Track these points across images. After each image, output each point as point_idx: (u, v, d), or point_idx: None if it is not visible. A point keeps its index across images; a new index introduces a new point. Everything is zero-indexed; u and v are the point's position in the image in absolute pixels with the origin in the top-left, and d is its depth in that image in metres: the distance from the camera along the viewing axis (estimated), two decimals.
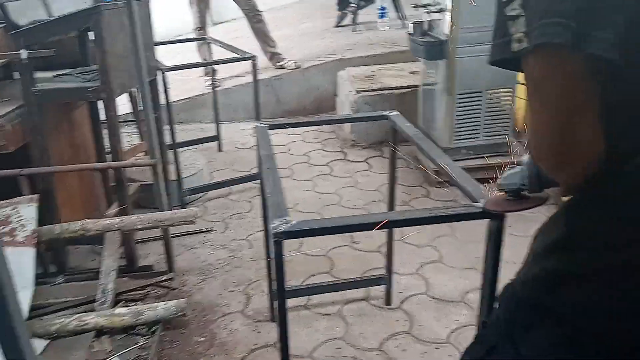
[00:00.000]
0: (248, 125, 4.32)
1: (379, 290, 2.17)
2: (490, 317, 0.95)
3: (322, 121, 2.53)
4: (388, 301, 2.13)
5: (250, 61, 2.96)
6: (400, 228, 2.50)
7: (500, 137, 3.06)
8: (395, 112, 1.87)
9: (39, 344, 1.75)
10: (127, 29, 2.05)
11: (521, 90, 3.18)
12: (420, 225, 1.16)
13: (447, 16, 2.82)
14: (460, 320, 2.03)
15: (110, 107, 2.08)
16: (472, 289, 2.19)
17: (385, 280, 2.11)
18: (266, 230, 1.99)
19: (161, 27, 3.35)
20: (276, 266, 1.15)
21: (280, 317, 1.21)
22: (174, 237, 2.50)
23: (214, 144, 3.78)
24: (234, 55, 3.13)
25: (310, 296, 2.16)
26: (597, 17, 0.61)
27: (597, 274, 0.72)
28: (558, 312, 0.77)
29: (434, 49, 2.91)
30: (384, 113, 1.87)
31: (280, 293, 1.18)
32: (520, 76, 3.10)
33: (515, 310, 0.85)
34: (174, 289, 2.19)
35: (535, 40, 0.63)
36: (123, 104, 2.79)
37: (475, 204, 1.17)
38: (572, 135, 0.65)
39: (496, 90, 2.96)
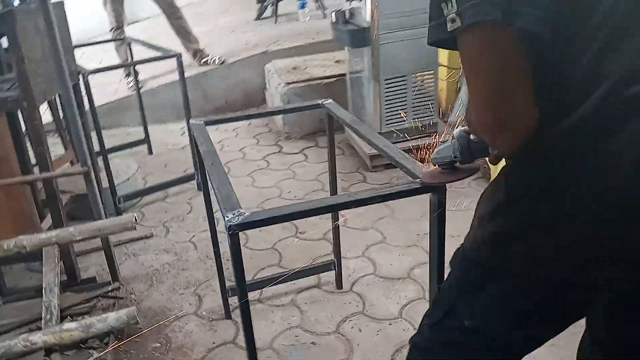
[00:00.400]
0: (178, 126, 4.23)
1: (329, 276, 2.22)
2: (444, 283, 1.01)
3: (258, 114, 2.51)
4: (339, 285, 2.19)
5: (174, 59, 2.90)
6: (343, 214, 2.57)
7: (427, 118, 3.19)
8: (329, 100, 1.91)
9: None
10: (44, 32, 1.95)
11: (443, 72, 3.33)
12: (366, 205, 1.19)
13: (368, 3, 2.89)
14: (409, 295, 2.12)
15: (34, 116, 1.98)
16: (416, 264, 2.29)
17: (334, 265, 2.15)
18: (212, 227, 1.99)
19: (73, 29, 3.21)
20: (234, 259, 1.15)
21: (242, 311, 1.22)
22: (115, 246, 2.42)
23: (144, 147, 3.68)
24: (157, 54, 3.05)
25: (263, 289, 2.17)
26: None
27: (532, 230, 0.79)
28: (504, 269, 0.84)
29: (357, 36, 2.97)
30: (319, 102, 1.90)
31: (240, 286, 1.18)
32: (442, 58, 3.25)
33: (467, 273, 0.92)
34: (121, 298, 2.13)
35: (468, 20, 0.68)
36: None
37: (416, 180, 1.22)
38: (510, 106, 0.71)
39: (420, 74, 3.08)
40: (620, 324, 0.89)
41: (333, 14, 3.15)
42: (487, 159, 1.03)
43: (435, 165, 1.11)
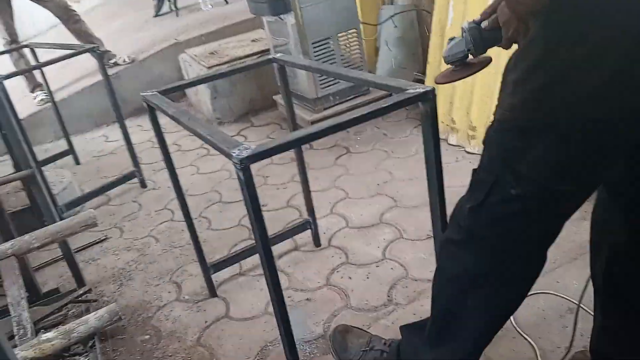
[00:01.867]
0: (97, 133, 4.02)
1: (305, 237, 2.20)
2: (480, 165, 1.03)
3: (217, 75, 2.16)
4: (317, 243, 2.17)
5: (93, 54, 2.71)
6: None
7: None
8: (279, 54, 1.88)
9: None
10: None
11: (365, 30, 3.39)
12: (375, 117, 1.18)
13: None
14: (387, 237, 2.15)
15: None
16: (385, 210, 2.33)
17: (310, 224, 2.14)
18: (183, 206, 1.88)
19: None
20: (249, 194, 1.09)
21: (264, 247, 1.15)
22: None
23: (69, 159, 3.44)
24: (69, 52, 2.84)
25: (242, 263, 2.11)
26: None
27: (575, 71, 0.82)
28: (548, 122, 0.87)
29: (277, 3, 2.95)
30: (270, 56, 1.86)
31: (259, 226, 1.13)
32: (362, 17, 3.29)
33: (507, 141, 0.93)
34: (95, 300, 1.99)
35: None
36: None
37: (407, 91, 1.22)
38: None
39: (343, 34, 3.10)
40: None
41: None
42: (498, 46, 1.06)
43: (448, 64, 1.12)
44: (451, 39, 1.06)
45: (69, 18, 4.06)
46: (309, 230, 2.16)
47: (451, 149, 2.71)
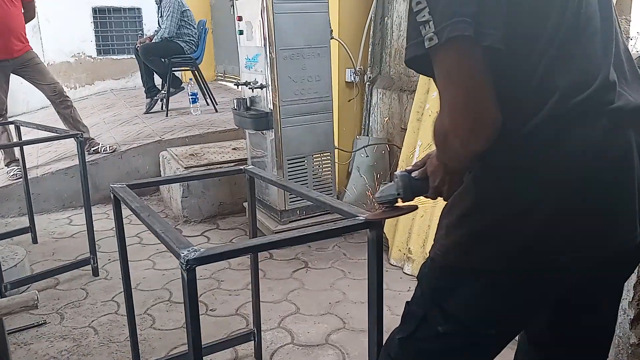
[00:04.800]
0: (62, 215, 4.00)
1: (247, 349, 2.16)
2: (413, 297, 1.08)
3: (178, 178, 2.33)
4: (258, 356, 2.13)
5: (73, 141, 2.82)
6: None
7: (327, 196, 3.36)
8: (250, 165, 1.99)
9: None
10: None
11: (339, 155, 3.59)
12: (312, 241, 1.25)
13: (269, 92, 3.11)
14: None
15: None
16: (332, 330, 2.32)
17: (253, 335, 2.11)
18: (128, 300, 1.87)
19: None
20: (190, 297, 1.13)
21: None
22: None
23: (27, 236, 3.40)
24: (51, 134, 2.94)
25: None
26: (487, 19, 0.82)
27: (502, 226, 0.90)
28: (476, 268, 0.93)
29: (260, 120, 3.15)
30: (240, 167, 1.97)
31: (193, 329, 1.15)
32: (337, 141, 3.50)
33: (438, 279, 0.99)
34: None
35: (446, 35, 0.81)
36: None
37: (357, 218, 1.32)
38: (481, 110, 0.83)
39: (318, 155, 3.29)
40: (565, 322, 1.02)
41: (235, 101, 3.32)
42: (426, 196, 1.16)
43: (379, 205, 1.21)
44: (384, 183, 1.16)
45: (60, 102, 4.23)
46: (253, 341, 2.14)
47: (405, 278, 2.76)
